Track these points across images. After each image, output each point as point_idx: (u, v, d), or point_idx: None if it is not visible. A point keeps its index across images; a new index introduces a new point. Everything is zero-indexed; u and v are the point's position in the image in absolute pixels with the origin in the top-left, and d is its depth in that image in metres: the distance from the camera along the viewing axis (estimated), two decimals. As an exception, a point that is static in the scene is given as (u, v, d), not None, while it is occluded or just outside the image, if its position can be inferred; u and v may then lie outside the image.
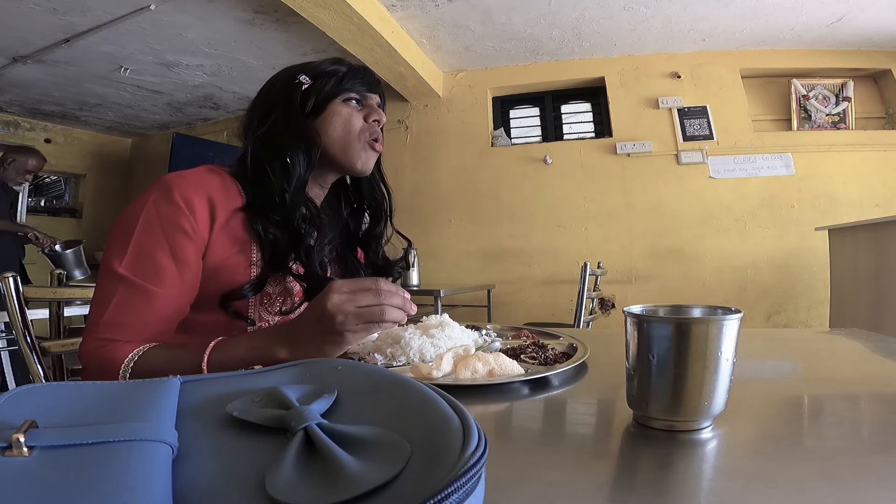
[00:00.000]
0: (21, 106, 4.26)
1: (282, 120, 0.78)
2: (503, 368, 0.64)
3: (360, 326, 0.59)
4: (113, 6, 2.70)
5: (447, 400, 0.32)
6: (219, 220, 0.72)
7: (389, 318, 0.59)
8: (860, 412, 0.54)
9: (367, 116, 0.82)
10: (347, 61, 0.83)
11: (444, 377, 0.63)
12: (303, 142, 0.77)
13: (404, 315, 0.62)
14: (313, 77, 0.80)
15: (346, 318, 0.58)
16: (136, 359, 0.64)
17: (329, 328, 0.59)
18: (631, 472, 0.40)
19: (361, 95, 0.83)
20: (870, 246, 2.37)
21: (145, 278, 0.67)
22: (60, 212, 4.90)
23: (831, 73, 3.45)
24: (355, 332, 0.60)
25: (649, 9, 2.97)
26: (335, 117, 0.79)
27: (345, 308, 0.59)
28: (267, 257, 0.74)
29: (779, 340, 1.01)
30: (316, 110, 0.79)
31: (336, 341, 0.60)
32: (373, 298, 0.59)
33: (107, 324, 0.66)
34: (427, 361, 0.70)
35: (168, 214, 0.69)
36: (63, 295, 1.00)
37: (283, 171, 0.76)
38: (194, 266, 0.71)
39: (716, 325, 0.44)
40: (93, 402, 0.33)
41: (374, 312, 0.59)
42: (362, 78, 0.82)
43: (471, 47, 3.48)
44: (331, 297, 0.59)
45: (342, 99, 0.81)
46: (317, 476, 0.26)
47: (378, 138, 0.83)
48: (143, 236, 0.68)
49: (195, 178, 0.72)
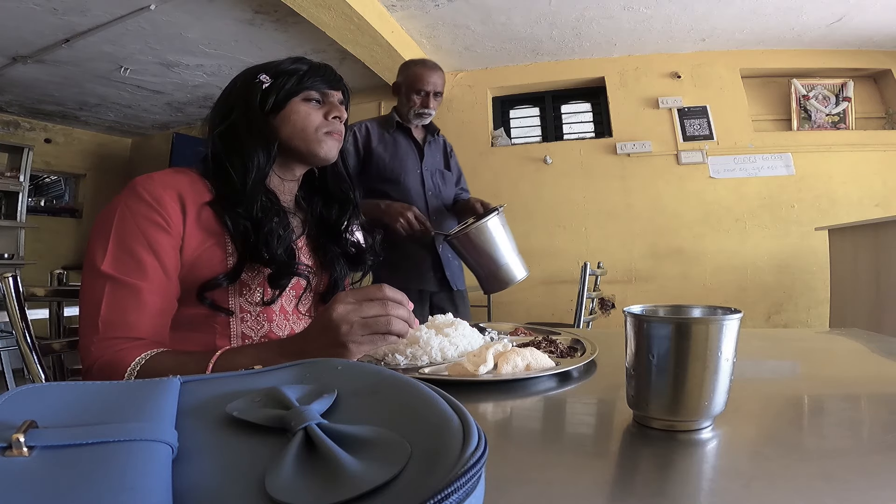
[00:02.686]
0: (21, 106, 4.26)
1: (241, 118, 0.80)
2: (538, 362, 0.66)
3: (366, 338, 0.59)
4: (113, 6, 2.70)
5: (447, 400, 0.32)
6: (190, 214, 0.74)
7: (395, 329, 0.60)
8: (860, 412, 0.54)
9: (328, 113, 0.84)
10: (309, 60, 0.85)
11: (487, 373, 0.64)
12: (262, 138, 0.79)
13: (408, 328, 0.62)
14: (274, 76, 0.81)
15: (350, 329, 0.58)
16: (143, 363, 0.64)
17: (333, 339, 0.59)
18: (631, 472, 0.40)
19: (322, 93, 0.84)
20: (870, 246, 2.37)
21: (129, 274, 0.69)
22: (60, 212, 4.89)
23: (831, 73, 3.45)
24: (360, 344, 0.59)
25: (649, 9, 2.96)
26: (293, 115, 0.81)
27: (350, 318, 0.59)
28: (239, 248, 0.76)
29: (779, 340, 1.01)
30: (276, 108, 0.81)
31: (340, 353, 0.59)
32: (379, 309, 0.59)
33: (107, 322, 0.67)
34: (448, 360, 0.71)
35: (141, 211, 0.71)
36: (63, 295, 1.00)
37: (242, 165, 0.78)
38: (173, 258, 0.72)
39: (716, 325, 0.44)
40: (93, 402, 0.33)
41: (381, 323, 0.59)
42: (322, 76, 0.84)
43: (471, 47, 3.48)
44: (336, 307, 0.59)
45: (301, 98, 0.82)
46: (317, 476, 0.26)
47: (337, 131, 0.85)
48: (120, 234, 0.70)
49: (163, 178, 0.75)
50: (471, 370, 0.64)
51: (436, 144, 1.87)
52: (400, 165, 1.76)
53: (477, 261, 1.52)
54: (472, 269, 1.55)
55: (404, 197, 1.70)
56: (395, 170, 1.75)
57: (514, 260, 1.53)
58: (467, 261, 1.55)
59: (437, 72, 1.76)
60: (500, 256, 1.49)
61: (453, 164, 1.91)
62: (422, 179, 1.79)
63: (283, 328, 0.83)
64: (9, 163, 4.34)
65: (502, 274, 1.51)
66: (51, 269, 1.10)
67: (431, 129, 1.86)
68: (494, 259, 1.49)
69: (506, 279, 1.52)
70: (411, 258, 1.75)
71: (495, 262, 1.50)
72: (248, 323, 0.80)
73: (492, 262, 1.50)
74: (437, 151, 1.88)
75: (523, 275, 1.53)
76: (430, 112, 1.77)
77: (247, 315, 0.80)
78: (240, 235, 0.76)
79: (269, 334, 0.81)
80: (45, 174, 5.02)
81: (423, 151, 1.81)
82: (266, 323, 0.81)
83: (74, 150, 4.88)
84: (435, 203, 1.80)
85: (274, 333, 0.82)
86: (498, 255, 1.49)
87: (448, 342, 0.75)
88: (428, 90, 1.73)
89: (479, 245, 1.50)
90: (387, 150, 1.77)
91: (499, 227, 1.50)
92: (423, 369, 0.69)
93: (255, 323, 0.80)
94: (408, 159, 1.78)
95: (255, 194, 0.77)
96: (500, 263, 1.50)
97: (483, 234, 1.49)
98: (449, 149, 1.93)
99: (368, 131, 1.80)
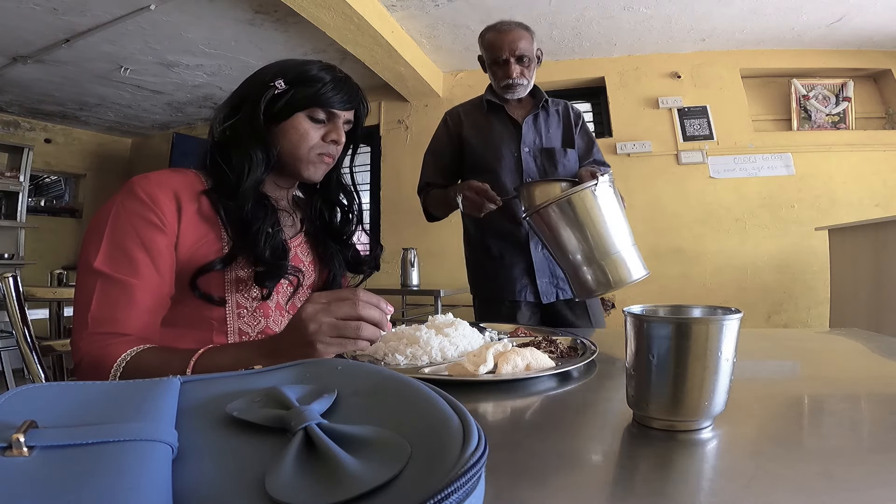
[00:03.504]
0: (21, 106, 4.26)
1: (246, 119, 0.80)
2: (538, 362, 0.67)
3: (334, 339, 0.59)
4: (113, 6, 2.70)
5: (447, 400, 0.32)
6: (185, 211, 0.74)
7: (364, 335, 0.59)
8: (860, 412, 0.54)
9: (326, 135, 0.82)
10: (335, 72, 0.82)
11: (487, 373, 0.64)
12: (262, 144, 0.79)
13: (379, 333, 0.61)
14: (291, 82, 0.79)
15: (319, 328, 0.58)
16: (129, 360, 0.65)
17: (302, 337, 0.59)
18: (631, 472, 0.40)
19: (329, 113, 0.82)
20: (870, 246, 2.37)
21: (121, 271, 0.69)
22: (60, 212, 4.89)
23: (831, 73, 3.45)
24: (327, 345, 0.59)
25: (649, 9, 2.96)
26: (292, 130, 0.80)
27: (319, 318, 0.59)
28: (233, 236, 0.77)
29: (779, 340, 1.01)
30: (279, 117, 0.80)
31: (309, 352, 0.59)
32: (349, 309, 0.59)
33: (95, 318, 0.68)
34: (448, 360, 0.71)
35: (136, 210, 0.71)
36: (63, 295, 1.00)
37: (240, 165, 0.78)
38: (167, 256, 0.73)
39: (716, 325, 0.44)
40: (93, 402, 0.33)
41: (350, 327, 0.59)
42: (339, 93, 0.81)
43: (471, 47, 3.48)
44: (306, 306, 0.60)
45: (307, 114, 0.81)
46: (317, 476, 0.26)
47: (329, 154, 0.83)
48: (114, 232, 0.70)
49: (158, 177, 0.76)
50: (471, 370, 0.64)
51: (545, 118, 1.53)
52: (492, 151, 1.48)
53: (561, 250, 1.06)
54: (557, 261, 1.13)
55: (498, 188, 1.37)
56: (487, 157, 1.49)
57: (622, 250, 1.03)
58: (550, 250, 1.12)
59: (511, 33, 1.41)
60: (597, 244, 1.02)
61: (580, 136, 1.55)
62: (518, 163, 1.47)
63: (279, 324, 0.84)
64: (9, 163, 4.34)
65: (599, 271, 1.03)
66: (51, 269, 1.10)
67: (538, 100, 1.52)
68: (587, 248, 1.03)
69: (605, 279, 1.03)
70: (501, 259, 1.48)
71: (587, 252, 1.03)
72: (244, 319, 0.80)
73: (582, 253, 1.04)
74: (549, 126, 1.53)
75: (641, 274, 1.04)
76: (519, 82, 1.44)
77: (243, 311, 0.80)
78: (232, 224, 0.77)
79: (266, 330, 0.82)
80: (45, 174, 5.02)
81: (521, 130, 1.49)
82: (262, 319, 0.82)
83: (74, 150, 4.88)
84: None
85: (271, 329, 0.82)
86: (593, 243, 1.02)
87: (448, 342, 0.75)
88: (504, 57, 1.41)
89: (566, 227, 1.03)
90: (478, 136, 1.52)
91: (597, 201, 1.02)
92: (423, 369, 0.69)
93: (251, 319, 0.81)
94: (501, 143, 1.49)
95: (247, 195, 0.78)
96: (597, 255, 1.03)
97: (570, 210, 1.02)
98: (573, 118, 1.56)
99: (460, 118, 1.56)
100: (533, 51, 1.45)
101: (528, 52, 1.43)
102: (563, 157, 1.50)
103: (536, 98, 1.54)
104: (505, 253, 1.49)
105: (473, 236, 1.58)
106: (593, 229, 1.03)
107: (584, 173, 1.21)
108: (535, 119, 1.52)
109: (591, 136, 1.59)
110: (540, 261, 1.46)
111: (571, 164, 1.51)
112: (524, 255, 1.47)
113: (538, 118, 1.52)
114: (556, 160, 1.50)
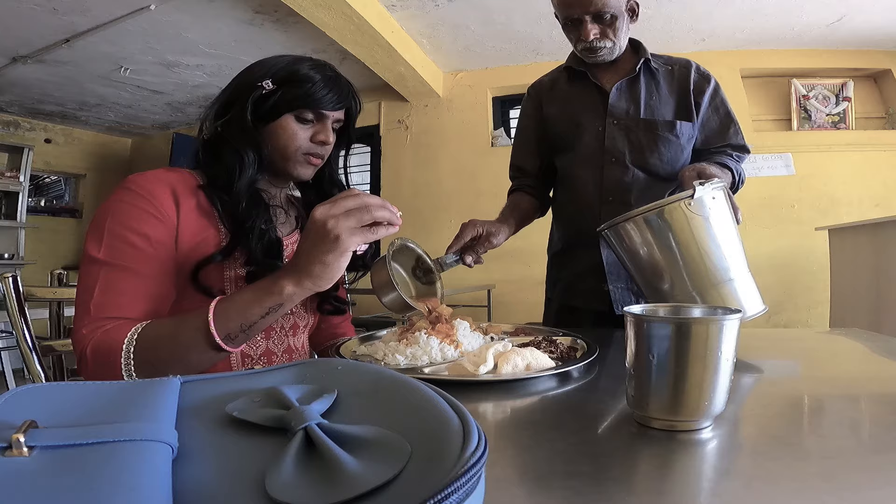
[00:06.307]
0: (21, 106, 4.26)
1: (235, 119, 0.79)
2: (538, 362, 0.66)
3: (353, 224, 0.60)
4: (113, 6, 2.70)
5: (447, 400, 0.32)
6: (183, 206, 0.75)
7: (379, 215, 0.61)
8: (860, 412, 0.54)
9: (314, 136, 0.82)
10: (326, 70, 0.81)
11: (487, 373, 0.64)
12: (250, 145, 0.79)
13: (395, 216, 0.63)
14: (278, 82, 0.78)
15: (336, 221, 0.60)
16: (139, 332, 0.65)
17: (324, 237, 0.60)
18: (631, 472, 0.40)
19: (318, 114, 0.81)
20: (870, 246, 2.37)
21: (123, 259, 0.70)
22: (60, 212, 4.89)
23: (831, 73, 3.45)
24: (351, 233, 0.60)
25: (649, 9, 2.96)
26: (280, 131, 0.80)
27: (332, 212, 0.60)
28: (231, 228, 0.77)
29: (779, 340, 1.01)
30: (268, 118, 0.79)
31: (333, 248, 0.60)
32: (356, 200, 0.61)
33: (98, 304, 0.68)
34: (448, 360, 0.72)
35: (134, 202, 0.72)
36: (63, 295, 1.00)
37: (232, 164, 0.78)
38: (168, 244, 0.73)
39: (716, 325, 0.44)
40: (93, 401, 0.33)
41: (364, 211, 0.60)
42: (329, 93, 0.80)
43: (471, 47, 3.48)
44: (315, 211, 0.61)
45: (295, 115, 0.80)
46: (317, 476, 0.26)
47: (318, 155, 0.83)
48: (114, 225, 0.71)
49: (155, 174, 0.76)
50: (471, 370, 0.64)
51: (648, 82, 1.17)
52: (572, 126, 1.20)
53: (645, 277, 0.87)
54: (643, 291, 0.91)
55: (576, 172, 1.16)
56: (566, 134, 1.21)
57: (728, 280, 0.81)
58: (633, 277, 0.92)
59: None
60: (691, 273, 0.81)
61: (710, 110, 1.17)
62: (601, 139, 1.16)
63: (279, 324, 0.83)
64: (9, 163, 4.34)
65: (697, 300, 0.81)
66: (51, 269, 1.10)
67: (637, 60, 1.17)
68: (677, 279, 0.82)
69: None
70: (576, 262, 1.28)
71: (678, 284, 0.82)
72: None
73: (672, 285, 0.83)
74: (653, 92, 1.17)
75: (757, 310, 0.82)
76: (600, 44, 1.11)
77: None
78: (228, 217, 0.77)
79: (267, 329, 0.81)
80: (45, 174, 5.02)
81: (608, 98, 1.16)
82: None
83: (74, 150, 4.88)
84: (619, 175, 1.14)
85: (271, 328, 0.82)
86: (685, 272, 0.81)
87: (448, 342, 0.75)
88: (576, 16, 1.10)
89: (647, 250, 0.83)
90: (558, 109, 1.24)
91: (696, 217, 0.80)
92: (423, 369, 0.69)
93: None
94: (583, 116, 1.19)
95: (241, 194, 0.78)
96: (690, 286, 0.82)
97: (652, 229, 0.81)
98: (697, 82, 1.17)
99: (540, 92, 1.32)
100: (620, 4, 1.09)
101: (610, 7, 1.08)
102: (671, 133, 1.13)
103: (637, 57, 1.18)
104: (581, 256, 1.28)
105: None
106: (686, 254, 0.81)
107: (686, 174, 0.91)
108: (633, 84, 1.17)
109: (728, 112, 1.19)
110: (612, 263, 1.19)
111: (684, 145, 1.15)
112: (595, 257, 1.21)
113: (637, 83, 1.17)
114: (657, 137, 1.13)
